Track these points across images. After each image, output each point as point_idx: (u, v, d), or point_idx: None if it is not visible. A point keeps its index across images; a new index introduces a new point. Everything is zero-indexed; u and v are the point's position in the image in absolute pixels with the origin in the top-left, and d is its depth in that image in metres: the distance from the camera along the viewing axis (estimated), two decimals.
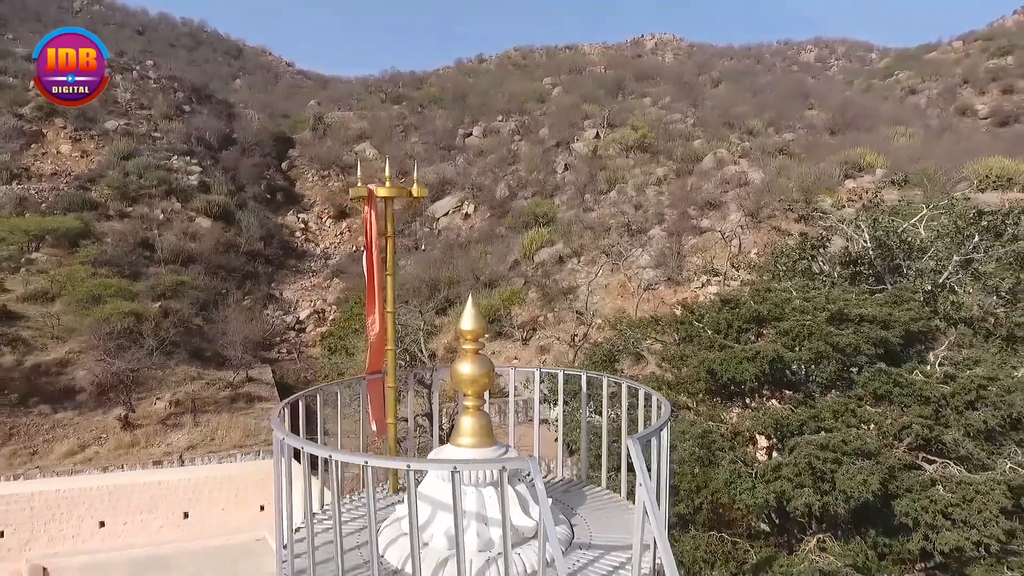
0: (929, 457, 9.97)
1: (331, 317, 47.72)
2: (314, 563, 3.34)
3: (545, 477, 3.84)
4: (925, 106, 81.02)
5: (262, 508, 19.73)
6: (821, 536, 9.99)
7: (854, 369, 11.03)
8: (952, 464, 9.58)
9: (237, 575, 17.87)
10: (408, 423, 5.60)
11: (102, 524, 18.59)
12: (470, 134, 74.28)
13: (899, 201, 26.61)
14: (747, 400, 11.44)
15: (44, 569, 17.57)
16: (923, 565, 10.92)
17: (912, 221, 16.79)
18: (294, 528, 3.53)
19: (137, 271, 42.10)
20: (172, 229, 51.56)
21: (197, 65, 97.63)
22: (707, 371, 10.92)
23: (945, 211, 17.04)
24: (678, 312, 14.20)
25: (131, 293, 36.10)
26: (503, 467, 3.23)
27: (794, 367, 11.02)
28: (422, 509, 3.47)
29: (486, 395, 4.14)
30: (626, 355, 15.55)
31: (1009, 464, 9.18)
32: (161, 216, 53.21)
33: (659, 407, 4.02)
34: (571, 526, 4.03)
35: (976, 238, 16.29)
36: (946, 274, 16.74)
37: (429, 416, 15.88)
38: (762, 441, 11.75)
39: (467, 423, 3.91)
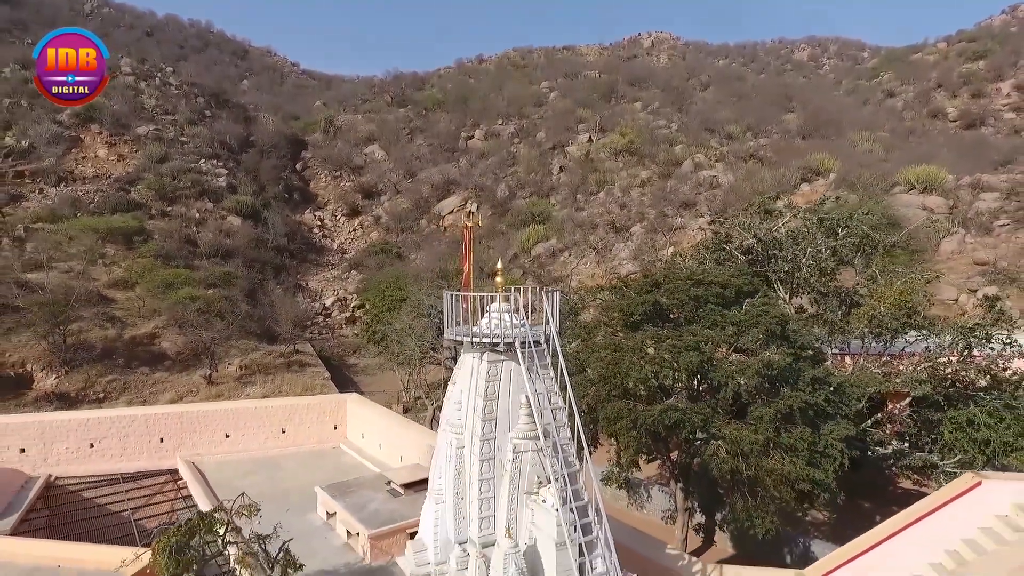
0: (736, 354, 19.71)
1: (352, 304, 57.52)
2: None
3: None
4: (901, 108, 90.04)
5: (335, 427, 29.49)
6: (678, 396, 19.69)
7: (703, 311, 20.74)
8: (744, 356, 19.31)
9: (323, 469, 27.58)
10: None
11: (227, 435, 28.30)
12: (472, 137, 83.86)
13: (780, 205, 36.24)
14: (644, 328, 21.11)
15: (193, 463, 27.25)
16: (746, 423, 20.57)
17: (778, 225, 26.51)
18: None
19: (189, 263, 51.77)
20: (208, 227, 61.20)
21: (206, 67, 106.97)
22: (620, 311, 20.65)
23: (799, 216, 26.72)
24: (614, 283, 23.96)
25: (195, 281, 45.86)
26: (515, 293, 12.99)
27: (671, 311, 20.73)
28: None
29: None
30: (582, 309, 25.32)
31: (768, 353, 18.86)
32: (197, 215, 62.89)
33: (553, 293, 13.64)
34: (530, 328, 13.63)
35: (821, 236, 26.05)
36: (804, 259, 26.50)
37: None
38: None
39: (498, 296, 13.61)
